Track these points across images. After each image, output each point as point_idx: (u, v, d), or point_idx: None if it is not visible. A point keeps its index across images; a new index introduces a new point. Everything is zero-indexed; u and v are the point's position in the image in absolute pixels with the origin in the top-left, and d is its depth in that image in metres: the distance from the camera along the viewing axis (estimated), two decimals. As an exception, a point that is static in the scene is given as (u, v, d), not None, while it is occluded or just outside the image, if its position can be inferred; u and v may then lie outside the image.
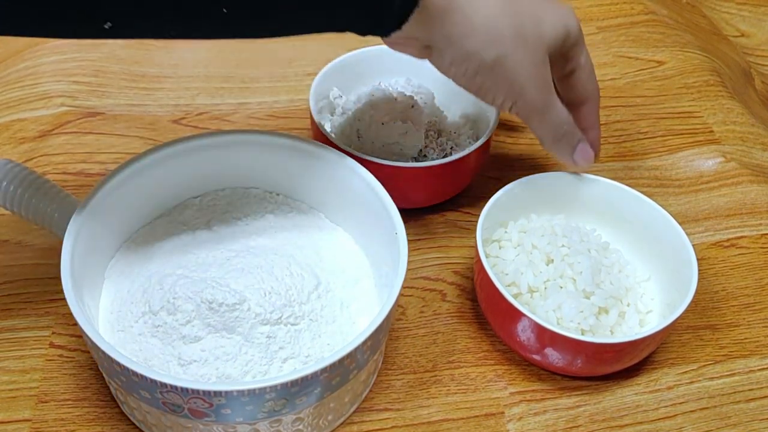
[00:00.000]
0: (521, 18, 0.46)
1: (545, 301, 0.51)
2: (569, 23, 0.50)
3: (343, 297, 0.50)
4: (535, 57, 0.47)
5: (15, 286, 0.55)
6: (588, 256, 0.52)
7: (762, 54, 0.85)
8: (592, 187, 0.56)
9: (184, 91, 0.71)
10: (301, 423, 0.45)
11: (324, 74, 0.62)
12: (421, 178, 0.57)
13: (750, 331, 0.55)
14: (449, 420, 0.50)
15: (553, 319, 0.50)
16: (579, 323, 0.50)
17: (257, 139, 0.53)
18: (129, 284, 0.50)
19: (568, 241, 0.53)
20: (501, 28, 0.45)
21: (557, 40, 0.49)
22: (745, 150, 0.68)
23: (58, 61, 0.71)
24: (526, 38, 0.46)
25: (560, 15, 0.49)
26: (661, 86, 0.74)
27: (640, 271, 0.56)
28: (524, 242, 0.54)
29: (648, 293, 0.55)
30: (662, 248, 0.54)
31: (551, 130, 0.51)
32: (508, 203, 0.55)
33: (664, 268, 0.54)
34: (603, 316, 0.51)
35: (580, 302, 0.50)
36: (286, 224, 0.54)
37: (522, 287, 0.52)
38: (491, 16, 0.45)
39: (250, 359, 0.46)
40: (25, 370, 0.51)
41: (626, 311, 0.52)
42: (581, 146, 0.53)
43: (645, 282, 0.55)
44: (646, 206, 0.55)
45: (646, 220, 0.55)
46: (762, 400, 0.52)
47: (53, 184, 0.50)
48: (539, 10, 0.48)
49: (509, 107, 0.49)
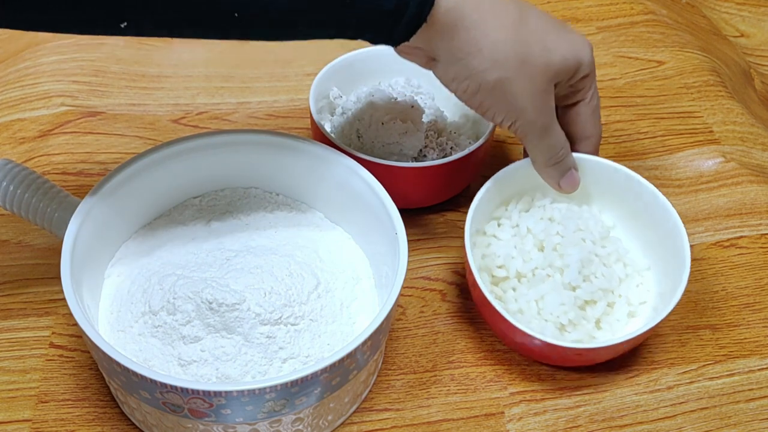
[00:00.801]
0: (530, 46, 0.46)
1: (529, 290, 0.51)
2: (582, 56, 0.49)
3: (343, 297, 0.50)
4: (538, 84, 0.47)
5: (15, 286, 0.55)
6: (580, 247, 0.52)
7: (761, 54, 0.85)
8: (600, 171, 0.55)
9: (184, 91, 0.71)
10: (301, 423, 0.45)
11: (324, 74, 0.62)
12: (421, 178, 0.57)
13: (750, 331, 0.55)
14: (449, 420, 0.50)
15: (534, 309, 0.51)
16: (558, 317, 0.50)
17: (257, 139, 0.53)
18: (129, 284, 0.50)
19: (564, 229, 0.52)
20: (507, 53, 0.46)
21: (566, 72, 0.49)
22: (745, 150, 0.68)
23: (58, 61, 0.71)
24: (532, 66, 0.46)
25: (573, 46, 0.49)
26: (661, 86, 0.74)
27: (640, 261, 0.55)
28: (521, 224, 0.54)
29: (646, 283, 0.55)
30: (660, 238, 0.54)
31: (545, 155, 0.52)
32: (513, 182, 0.54)
33: (663, 259, 0.54)
34: (590, 307, 0.51)
35: (562, 295, 0.50)
36: (286, 224, 0.54)
37: (510, 272, 0.52)
38: (499, 41, 0.45)
39: (249, 359, 0.46)
40: (25, 370, 0.51)
41: (616, 302, 0.52)
42: (570, 173, 0.53)
43: (646, 271, 0.55)
44: (650, 194, 0.54)
45: (651, 209, 0.54)
46: (762, 400, 0.52)
47: (53, 184, 0.50)
48: (552, 39, 0.48)
49: (508, 126, 0.50)
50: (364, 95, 0.61)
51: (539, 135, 0.50)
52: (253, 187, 0.57)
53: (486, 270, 0.53)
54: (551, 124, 0.50)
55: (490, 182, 0.53)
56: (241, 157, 0.54)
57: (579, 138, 0.54)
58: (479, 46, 0.45)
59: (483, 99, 0.47)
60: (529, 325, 0.49)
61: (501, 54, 0.45)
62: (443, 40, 0.45)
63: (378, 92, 0.60)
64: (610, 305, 0.52)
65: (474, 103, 0.48)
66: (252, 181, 0.56)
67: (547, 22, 0.48)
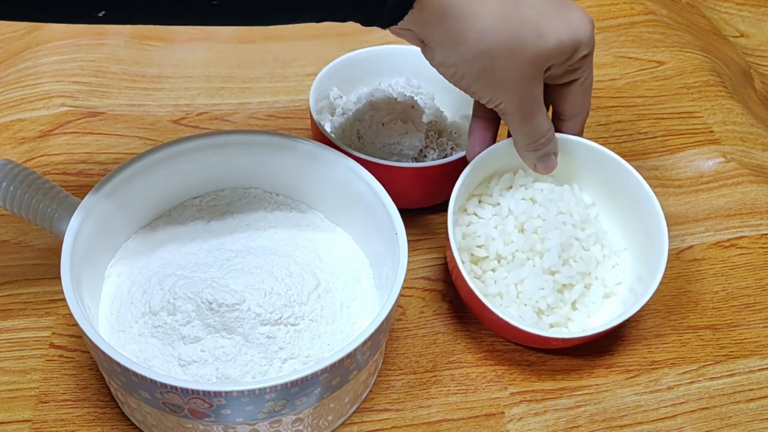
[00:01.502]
0: (520, 34, 0.45)
1: (509, 273, 0.51)
2: (580, 36, 0.48)
3: (343, 297, 0.50)
4: (526, 72, 0.47)
5: (15, 286, 0.55)
6: (561, 231, 0.51)
7: (761, 54, 0.85)
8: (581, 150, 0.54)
9: (184, 91, 0.71)
10: (301, 423, 0.45)
11: (324, 74, 0.62)
12: (421, 178, 0.57)
13: (750, 331, 0.55)
14: (449, 420, 0.50)
15: (513, 293, 0.51)
16: (537, 301, 0.50)
17: (257, 139, 0.53)
18: (129, 284, 0.50)
19: (545, 212, 0.52)
20: (494, 43, 0.45)
21: (561, 54, 0.47)
22: (745, 150, 0.68)
23: (58, 62, 0.71)
24: (520, 54, 0.46)
25: (571, 27, 0.47)
26: (661, 86, 0.74)
27: (618, 241, 0.55)
28: (503, 204, 0.53)
29: (622, 264, 0.55)
30: (639, 218, 0.54)
31: (527, 139, 0.51)
32: (496, 159, 0.54)
33: (640, 239, 0.54)
34: (567, 291, 0.51)
35: (542, 280, 0.50)
36: (285, 224, 0.54)
37: (491, 253, 0.52)
38: (487, 29, 0.44)
39: (249, 360, 0.46)
40: (25, 371, 0.51)
41: (592, 284, 0.53)
42: (548, 158, 0.53)
43: (623, 252, 0.55)
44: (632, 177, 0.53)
45: (632, 190, 0.54)
46: (762, 401, 0.52)
47: (53, 185, 0.50)
48: (547, 22, 0.46)
49: (494, 107, 0.49)
50: (364, 95, 0.61)
51: (521, 120, 0.50)
52: (252, 187, 0.57)
53: (466, 250, 0.53)
54: (536, 111, 0.49)
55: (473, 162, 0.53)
56: (241, 158, 0.54)
57: (567, 116, 0.53)
58: (466, 36, 0.44)
59: (468, 84, 0.47)
60: (507, 310, 0.50)
61: (488, 44, 0.45)
62: (431, 26, 0.44)
63: (378, 92, 0.60)
64: (586, 287, 0.52)
65: (461, 86, 0.48)
66: (252, 181, 0.56)
67: (544, 2, 0.47)
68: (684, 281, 0.58)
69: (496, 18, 0.45)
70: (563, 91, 0.51)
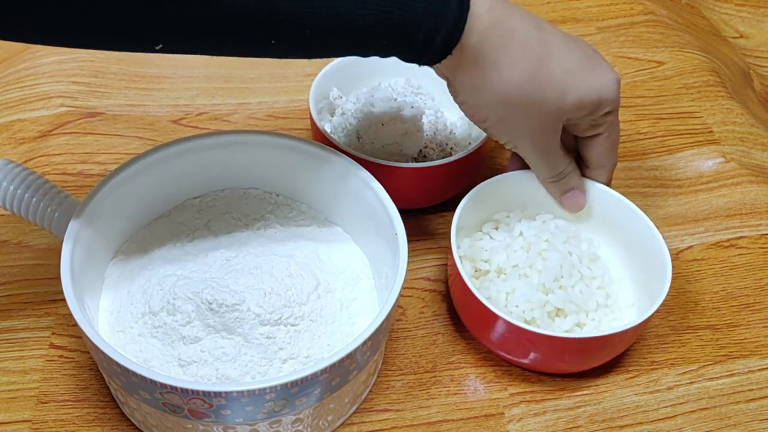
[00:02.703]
0: (544, 90, 0.46)
1: (504, 283, 0.51)
2: (604, 95, 0.48)
3: (342, 297, 0.50)
4: (543, 123, 0.48)
5: (15, 287, 0.55)
6: (563, 256, 0.51)
7: (761, 55, 0.85)
8: (606, 200, 0.55)
9: (183, 92, 0.71)
10: (301, 424, 0.45)
11: (324, 74, 0.62)
12: (421, 178, 0.57)
13: (750, 331, 0.55)
14: (449, 421, 0.50)
15: (502, 300, 0.51)
16: (524, 311, 0.50)
17: (257, 139, 0.53)
18: (129, 285, 0.50)
19: (553, 237, 0.53)
20: (518, 96, 0.46)
21: (581, 110, 0.48)
22: (745, 150, 0.68)
23: (58, 62, 0.71)
24: (541, 108, 0.47)
25: (596, 85, 0.48)
26: (661, 87, 0.74)
27: (628, 298, 0.54)
28: (516, 227, 0.54)
29: (624, 320, 0.53)
30: (654, 279, 0.52)
31: (543, 174, 0.53)
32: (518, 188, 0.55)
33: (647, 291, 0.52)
34: (560, 318, 0.51)
35: (532, 293, 0.50)
36: (285, 225, 0.54)
37: (492, 265, 0.52)
38: (513, 83, 0.46)
39: (249, 360, 0.46)
40: (25, 371, 0.51)
41: (587, 324, 0.51)
42: (573, 193, 0.54)
43: (629, 308, 0.54)
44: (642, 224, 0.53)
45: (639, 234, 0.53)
46: (762, 401, 0.52)
47: (53, 184, 0.50)
48: (572, 80, 0.47)
49: (510, 148, 0.51)
50: (364, 96, 0.61)
51: (537, 160, 0.52)
52: (252, 188, 0.57)
53: (470, 260, 0.53)
54: (551, 153, 0.51)
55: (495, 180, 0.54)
56: (241, 158, 0.54)
57: (593, 166, 0.54)
58: (492, 84, 0.46)
59: (487, 126, 0.49)
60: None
61: (512, 97, 0.46)
62: (461, 70, 0.46)
63: (378, 93, 0.60)
64: (578, 326, 0.51)
65: (479, 126, 0.50)
66: (252, 182, 0.56)
67: (573, 60, 0.47)
68: (684, 281, 0.58)
69: (525, 75, 0.46)
70: (588, 143, 0.52)
